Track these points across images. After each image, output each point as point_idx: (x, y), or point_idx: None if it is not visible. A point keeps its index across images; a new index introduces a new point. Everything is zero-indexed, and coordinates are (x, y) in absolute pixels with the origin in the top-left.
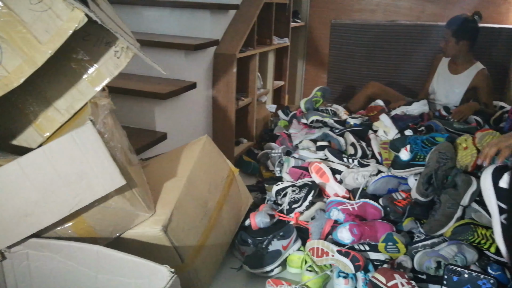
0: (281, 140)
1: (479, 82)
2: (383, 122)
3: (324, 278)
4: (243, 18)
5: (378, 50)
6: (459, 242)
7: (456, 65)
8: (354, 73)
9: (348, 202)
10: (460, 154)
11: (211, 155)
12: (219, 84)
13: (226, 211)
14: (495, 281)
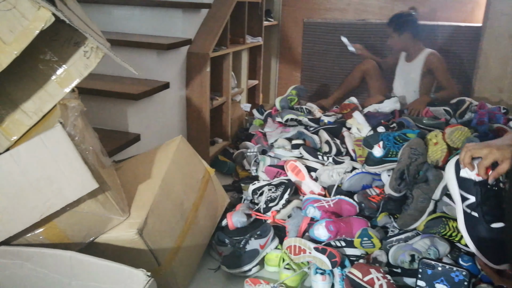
0: (257, 139)
1: (431, 64)
2: (356, 120)
3: (301, 275)
4: (215, 17)
5: None
6: (431, 235)
7: (410, 55)
8: (327, 72)
9: (324, 199)
10: (431, 150)
11: (186, 155)
12: (192, 83)
13: (202, 212)
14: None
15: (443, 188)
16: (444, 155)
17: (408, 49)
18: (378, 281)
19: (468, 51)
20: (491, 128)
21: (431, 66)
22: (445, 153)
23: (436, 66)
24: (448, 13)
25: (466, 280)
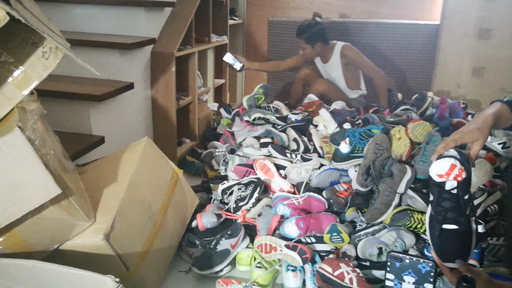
0: (225, 138)
1: (347, 57)
2: (322, 117)
3: (273, 273)
4: (179, 16)
5: None
6: (397, 228)
7: (324, 56)
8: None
9: (293, 197)
10: (395, 145)
11: (153, 157)
12: (158, 83)
13: (171, 214)
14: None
15: (407, 182)
16: (407, 150)
17: (322, 54)
18: (348, 275)
19: (427, 48)
20: (452, 122)
21: (348, 60)
22: (408, 147)
23: (353, 59)
24: (408, 12)
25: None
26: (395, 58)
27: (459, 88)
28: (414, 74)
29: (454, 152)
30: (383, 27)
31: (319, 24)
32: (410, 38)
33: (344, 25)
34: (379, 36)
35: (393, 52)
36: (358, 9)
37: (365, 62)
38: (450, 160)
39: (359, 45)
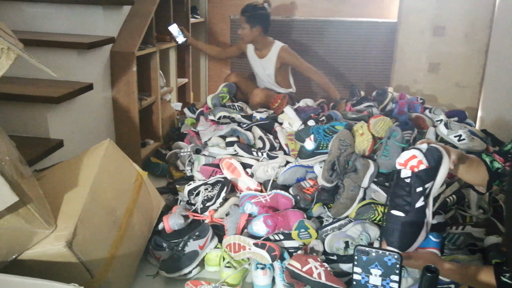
0: (190, 138)
1: (284, 58)
2: (287, 115)
3: (243, 272)
4: (139, 14)
5: None
6: (362, 221)
7: (260, 50)
8: None
9: (261, 195)
10: (358, 140)
11: (116, 159)
12: (118, 84)
13: (137, 217)
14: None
15: (370, 176)
16: (370, 145)
17: (257, 42)
18: (316, 270)
19: (386, 45)
20: (410, 117)
21: (285, 62)
22: (370, 142)
23: (291, 61)
24: (367, 10)
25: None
26: (355, 55)
27: (417, 84)
28: (374, 71)
29: (423, 146)
30: (343, 25)
31: (265, 9)
32: (370, 36)
33: (306, 23)
34: (340, 34)
35: (354, 49)
36: (319, 7)
37: (303, 64)
38: (413, 151)
39: (321, 42)
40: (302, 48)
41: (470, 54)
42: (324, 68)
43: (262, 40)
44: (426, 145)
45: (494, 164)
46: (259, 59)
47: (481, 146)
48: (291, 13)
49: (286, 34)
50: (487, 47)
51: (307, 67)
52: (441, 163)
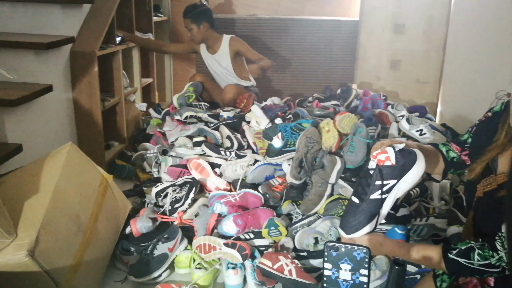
0: (156, 139)
1: (236, 48)
2: (254, 113)
3: (213, 273)
4: (100, 13)
5: None
6: (331, 216)
7: (211, 47)
8: None
9: (230, 194)
10: (324, 137)
11: (78, 163)
12: (79, 85)
13: (102, 222)
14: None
15: (337, 172)
16: (336, 141)
17: (207, 40)
18: (287, 267)
19: (349, 43)
20: (374, 113)
21: (237, 50)
22: (336, 139)
23: (242, 49)
24: (329, 8)
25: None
26: (319, 53)
27: (379, 81)
28: (338, 68)
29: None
30: (307, 24)
31: (204, 5)
32: (333, 34)
33: (271, 22)
34: (304, 32)
35: (318, 47)
36: (283, 6)
37: (252, 50)
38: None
39: (286, 41)
40: (267, 46)
41: (429, 51)
42: (290, 66)
43: (211, 35)
44: (403, 145)
45: (450, 154)
46: (212, 55)
47: (441, 140)
48: (255, 12)
49: (251, 32)
50: (445, 44)
51: (257, 55)
52: (412, 167)
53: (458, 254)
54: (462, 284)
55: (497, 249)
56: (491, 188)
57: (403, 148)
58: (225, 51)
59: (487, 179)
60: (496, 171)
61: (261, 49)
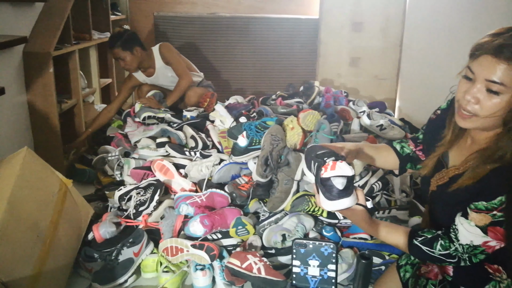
0: (117, 141)
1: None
2: (218, 112)
3: (181, 275)
4: (54, 12)
5: (203, 42)
6: (297, 213)
7: (147, 68)
8: None
9: (196, 195)
10: (289, 134)
11: (35, 169)
12: (34, 87)
13: (63, 229)
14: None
15: (302, 169)
16: (301, 138)
17: (142, 63)
18: (255, 265)
19: (310, 41)
20: (336, 110)
21: (166, 59)
22: (301, 136)
23: (169, 58)
24: (290, 7)
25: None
26: (281, 51)
27: (340, 77)
28: (300, 66)
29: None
30: (268, 22)
31: (129, 30)
32: (294, 32)
33: (231, 20)
34: (265, 31)
35: (280, 45)
36: (243, 4)
37: (179, 63)
38: None
39: (247, 39)
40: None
41: (387, 48)
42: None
43: (145, 57)
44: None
45: (404, 150)
46: (152, 78)
47: (401, 134)
48: (215, 10)
49: (211, 31)
50: (401, 42)
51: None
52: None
53: (422, 241)
54: (424, 274)
55: (453, 240)
56: (444, 181)
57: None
58: (162, 64)
59: (440, 173)
60: (447, 165)
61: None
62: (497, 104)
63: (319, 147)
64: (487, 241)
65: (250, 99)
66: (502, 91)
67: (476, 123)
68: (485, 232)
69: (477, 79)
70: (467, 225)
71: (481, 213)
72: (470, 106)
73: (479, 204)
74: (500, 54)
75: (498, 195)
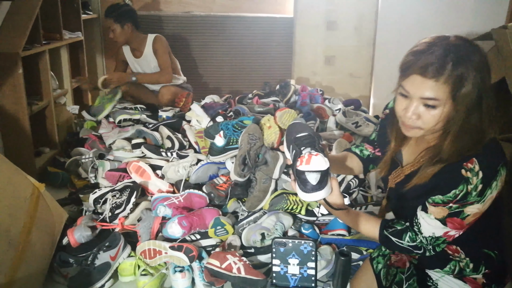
0: (91, 143)
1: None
2: (194, 112)
3: (160, 278)
4: (22, 11)
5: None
6: (276, 211)
7: (136, 49)
8: None
9: (173, 196)
10: (266, 133)
11: (5, 173)
12: (3, 88)
13: (36, 235)
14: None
15: (280, 167)
16: (278, 137)
17: (131, 42)
18: (235, 265)
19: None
20: (312, 108)
21: (155, 48)
22: (278, 135)
23: (157, 47)
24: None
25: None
26: (257, 49)
27: (315, 76)
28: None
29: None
30: (243, 21)
31: (128, 5)
32: (269, 31)
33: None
34: (240, 29)
35: (255, 44)
36: (217, 3)
37: (165, 59)
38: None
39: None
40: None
41: (360, 46)
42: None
43: (136, 37)
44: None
45: (364, 152)
46: (137, 59)
47: None
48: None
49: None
50: (374, 40)
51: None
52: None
53: (392, 232)
54: (394, 263)
55: (417, 233)
56: (400, 179)
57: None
58: (150, 51)
59: (396, 171)
60: (402, 163)
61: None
62: (437, 115)
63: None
64: (447, 231)
65: (226, 98)
66: (437, 104)
67: (422, 133)
68: (445, 223)
69: (413, 97)
70: (428, 219)
71: (438, 206)
72: (413, 122)
73: (436, 198)
74: (426, 73)
75: (452, 189)
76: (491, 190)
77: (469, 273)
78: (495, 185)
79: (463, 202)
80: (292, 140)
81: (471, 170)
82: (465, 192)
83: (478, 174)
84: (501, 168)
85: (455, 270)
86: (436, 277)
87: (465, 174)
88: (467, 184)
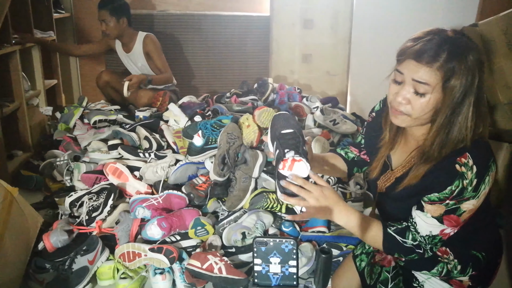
0: (65, 145)
1: (147, 47)
2: (172, 112)
3: (140, 280)
4: None
5: None
6: (256, 210)
7: (126, 45)
8: None
9: (152, 197)
10: (245, 132)
11: None
12: None
13: (10, 241)
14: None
15: (260, 166)
16: (257, 136)
17: (122, 37)
18: (216, 265)
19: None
20: (290, 106)
21: (147, 49)
22: (257, 133)
23: (151, 49)
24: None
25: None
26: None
27: (293, 74)
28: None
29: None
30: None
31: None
32: (246, 29)
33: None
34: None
35: (232, 43)
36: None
37: (161, 56)
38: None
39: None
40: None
41: (336, 44)
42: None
43: (128, 32)
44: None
45: (349, 155)
46: (127, 54)
47: (352, 128)
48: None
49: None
50: (350, 38)
51: (163, 61)
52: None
53: (395, 230)
54: (379, 261)
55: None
56: (390, 182)
57: None
58: (139, 50)
59: (385, 175)
60: (391, 166)
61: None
62: (425, 103)
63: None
64: (443, 229)
65: (204, 97)
66: (427, 91)
67: (409, 122)
68: (441, 221)
69: (406, 79)
70: (424, 217)
71: (435, 204)
72: (403, 107)
73: (432, 196)
74: (421, 59)
75: (448, 186)
76: (484, 185)
77: (457, 275)
78: (488, 180)
79: (459, 198)
80: (277, 136)
81: (465, 164)
82: (461, 188)
83: (472, 169)
84: (492, 164)
85: (443, 272)
86: (423, 279)
87: (459, 169)
88: (463, 180)
